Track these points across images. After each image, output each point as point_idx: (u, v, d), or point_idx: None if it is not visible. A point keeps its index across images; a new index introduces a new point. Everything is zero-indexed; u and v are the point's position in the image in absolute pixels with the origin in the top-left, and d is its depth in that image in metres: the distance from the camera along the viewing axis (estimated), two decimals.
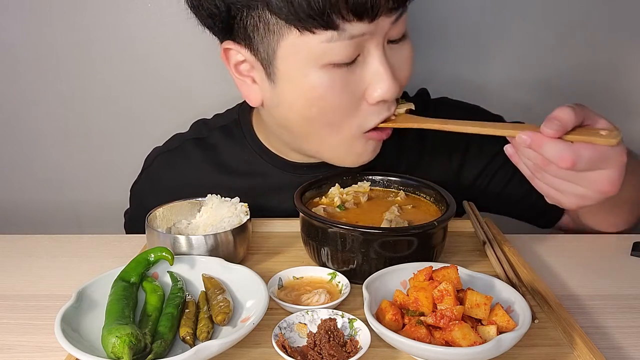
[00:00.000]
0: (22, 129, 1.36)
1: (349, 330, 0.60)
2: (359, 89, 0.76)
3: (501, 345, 0.53)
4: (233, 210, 0.80)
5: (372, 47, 0.74)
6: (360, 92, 0.77)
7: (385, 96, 0.76)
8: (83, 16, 1.25)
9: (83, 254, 0.87)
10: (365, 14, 0.69)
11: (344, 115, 0.79)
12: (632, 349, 0.61)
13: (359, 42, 0.73)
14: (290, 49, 0.74)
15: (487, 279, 0.65)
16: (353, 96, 0.77)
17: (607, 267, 0.81)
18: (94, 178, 1.40)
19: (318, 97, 0.76)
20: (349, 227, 0.71)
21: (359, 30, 0.71)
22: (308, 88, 0.76)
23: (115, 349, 0.53)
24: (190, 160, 1.01)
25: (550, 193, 0.70)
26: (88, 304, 0.63)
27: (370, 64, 0.75)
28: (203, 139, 1.02)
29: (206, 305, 0.65)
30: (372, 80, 0.76)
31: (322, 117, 0.79)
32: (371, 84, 0.76)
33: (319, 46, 0.72)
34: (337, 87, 0.75)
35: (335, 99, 0.76)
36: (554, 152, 0.62)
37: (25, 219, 1.43)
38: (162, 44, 1.28)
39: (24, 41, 1.27)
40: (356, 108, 0.78)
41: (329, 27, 0.70)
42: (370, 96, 0.77)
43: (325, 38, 0.71)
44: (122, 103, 1.33)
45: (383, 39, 0.75)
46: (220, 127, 1.02)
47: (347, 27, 0.70)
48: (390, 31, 0.75)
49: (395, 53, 0.78)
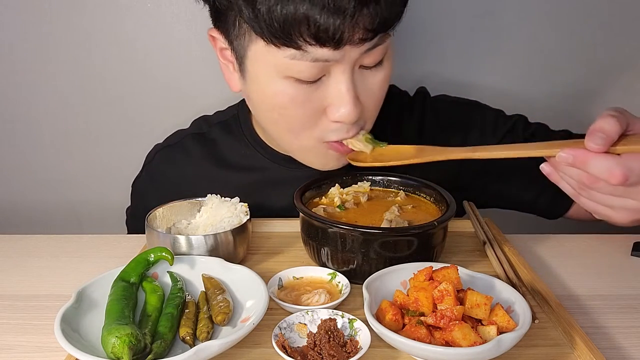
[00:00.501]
0: (22, 129, 1.36)
1: (349, 330, 0.60)
2: (320, 105, 0.77)
3: (501, 345, 0.53)
4: (233, 210, 0.80)
5: (338, 72, 0.74)
6: (321, 108, 0.78)
7: (344, 119, 0.77)
8: (83, 16, 1.25)
9: (83, 254, 0.87)
10: (328, 42, 0.69)
11: (303, 125, 0.80)
12: (632, 349, 0.61)
13: (323, 65, 0.73)
14: (258, 55, 0.75)
15: (487, 279, 0.65)
16: (314, 111, 0.78)
17: (607, 267, 0.81)
18: (94, 178, 1.40)
19: (279, 105, 0.78)
20: (349, 227, 0.71)
21: (322, 55, 0.71)
22: (271, 94, 0.77)
23: (115, 349, 0.53)
24: (190, 155, 1.03)
25: (598, 210, 0.64)
26: (88, 304, 0.62)
27: (333, 86, 0.75)
28: (203, 134, 1.04)
29: (206, 305, 0.65)
30: (334, 101, 0.76)
31: (283, 123, 0.81)
32: (332, 104, 0.76)
33: (282, 60, 0.72)
34: (298, 99, 0.76)
35: (295, 109, 0.77)
36: (602, 169, 0.57)
37: (25, 219, 1.43)
38: (161, 43, 1.28)
39: (24, 41, 1.27)
40: (316, 121, 0.79)
41: (292, 46, 0.70)
42: (331, 115, 0.77)
43: (289, 54, 0.71)
44: (122, 103, 1.33)
45: (352, 65, 0.75)
46: (220, 122, 1.04)
47: (310, 50, 0.70)
48: (362, 59, 0.75)
49: (367, 78, 0.78)
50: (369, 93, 0.79)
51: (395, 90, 1.07)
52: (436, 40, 1.27)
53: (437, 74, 1.28)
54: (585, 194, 0.63)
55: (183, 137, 1.04)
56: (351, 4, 0.66)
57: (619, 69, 1.29)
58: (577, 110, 1.32)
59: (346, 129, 0.79)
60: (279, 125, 0.83)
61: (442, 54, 1.29)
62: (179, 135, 1.06)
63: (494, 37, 1.27)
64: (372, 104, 0.81)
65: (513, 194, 1.02)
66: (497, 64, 1.29)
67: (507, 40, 1.27)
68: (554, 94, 1.31)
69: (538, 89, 1.31)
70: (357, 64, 0.76)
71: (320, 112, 0.78)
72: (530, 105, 1.28)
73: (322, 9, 0.66)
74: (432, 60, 1.29)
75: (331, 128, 0.80)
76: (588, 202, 0.64)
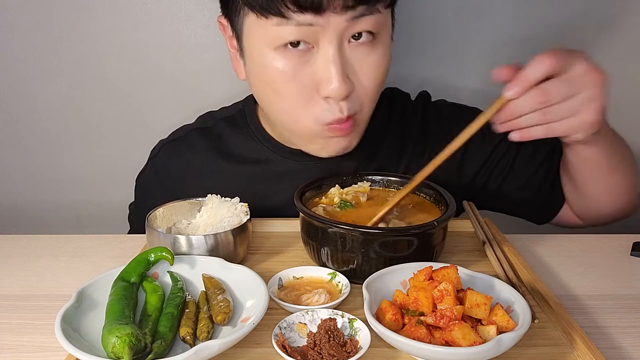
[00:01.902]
0: (23, 129, 1.36)
1: (349, 330, 0.60)
2: (310, 80, 0.78)
3: (501, 345, 0.53)
4: (233, 210, 0.80)
5: (325, 41, 0.76)
6: (312, 84, 0.79)
7: (333, 94, 0.77)
8: (83, 16, 1.25)
9: (83, 254, 0.87)
10: (309, 8, 0.72)
11: (297, 102, 0.81)
12: (632, 349, 0.61)
13: (308, 30, 0.75)
14: (251, 29, 0.79)
15: (487, 279, 0.65)
16: (304, 87, 0.79)
17: (607, 267, 0.81)
18: (94, 178, 1.40)
19: (271, 79, 0.80)
20: (349, 227, 0.71)
21: (304, 19, 0.74)
22: (262, 68, 0.80)
23: (116, 349, 0.53)
24: (195, 149, 1.04)
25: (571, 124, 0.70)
26: (88, 304, 0.63)
27: (321, 59, 0.77)
28: (208, 128, 1.05)
29: (206, 305, 0.65)
30: (323, 75, 0.78)
31: (278, 101, 0.83)
32: (322, 79, 0.78)
33: (271, 29, 0.76)
34: (288, 72, 0.78)
35: (286, 83, 0.79)
36: (535, 65, 0.66)
37: (25, 219, 1.43)
38: (161, 42, 1.28)
39: (24, 41, 1.27)
40: (309, 99, 0.80)
41: (276, 14, 0.74)
42: (322, 90, 0.78)
43: (276, 22, 0.75)
44: (123, 103, 1.33)
45: (339, 35, 0.76)
46: (225, 117, 1.05)
47: (293, 16, 0.74)
48: (349, 29, 0.76)
49: (359, 54, 0.79)
50: (362, 72, 0.80)
51: (398, 92, 1.08)
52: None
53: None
54: (550, 115, 0.68)
55: (188, 132, 1.06)
56: None
57: None
58: None
59: (339, 108, 0.80)
60: (276, 105, 0.84)
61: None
62: (184, 130, 1.07)
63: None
64: (367, 85, 0.81)
65: (508, 195, 1.03)
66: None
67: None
68: None
69: None
70: (346, 37, 0.77)
71: (312, 89, 0.79)
72: None
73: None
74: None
75: (325, 107, 0.80)
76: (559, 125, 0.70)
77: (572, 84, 0.68)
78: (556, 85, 0.67)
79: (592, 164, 0.85)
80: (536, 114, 0.69)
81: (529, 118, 0.69)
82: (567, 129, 0.71)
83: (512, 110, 0.69)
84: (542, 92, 0.67)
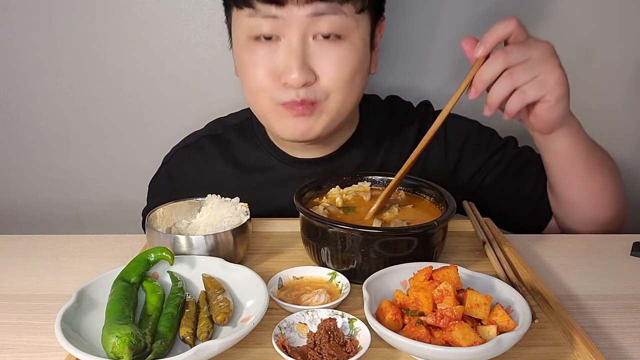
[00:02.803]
0: (23, 129, 1.36)
1: (349, 330, 0.60)
2: (274, 67, 0.87)
3: (501, 345, 0.53)
4: (233, 210, 0.80)
5: (290, 34, 0.85)
6: (275, 72, 0.87)
7: (289, 82, 0.86)
8: (83, 16, 1.25)
9: (83, 254, 0.87)
10: (272, 0, 0.82)
11: (259, 86, 0.90)
12: (632, 349, 0.61)
13: (274, 23, 0.84)
14: (235, 22, 0.91)
15: (487, 279, 0.65)
16: (268, 73, 0.88)
17: (607, 267, 0.81)
18: (94, 178, 1.40)
19: (243, 65, 0.91)
20: (349, 227, 0.71)
21: (269, 11, 0.84)
22: (239, 55, 0.92)
23: (116, 349, 0.53)
24: (206, 155, 1.08)
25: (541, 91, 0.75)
26: (88, 304, 0.63)
27: (284, 48, 0.86)
28: (218, 135, 1.10)
29: (206, 305, 0.65)
30: (283, 63, 0.86)
31: (246, 84, 0.92)
32: (284, 67, 0.86)
33: (245, 20, 0.87)
34: (257, 59, 0.88)
35: (254, 69, 0.89)
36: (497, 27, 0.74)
37: (25, 219, 1.43)
38: (161, 43, 1.28)
39: (25, 41, 1.27)
40: (270, 83, 0.88)
41: (246, 5, 0.85)
42: (283, 77, 0.86)
43: (248, 13, 0.86)
44: (123, 103, 1.33)
45: (302, 29, 0.84)
46: (234, 125, 1.10)
47: (259, 7, 0.84)
48: (312, 25, 0.84)
49: (323, 49, 0.86)
50: (325, 67, 0.87)
51: (399, 101, 1.13)
52: None
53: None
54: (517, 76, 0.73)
55: (199, 138, 1.10)
56: None
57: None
58: None
59: (295, 93, 0.87)
60: (245, 88, 0.94)
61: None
62: (195, 136, 1.12)
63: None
64: (329, 79, 0.88)
65: (498, 203, 1.04)
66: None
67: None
68: None
69: None
70: (310, 32, 0.85)
71: (274, 76, 0.87)
72: None
73: None
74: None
75: (282, 91, 0.88)
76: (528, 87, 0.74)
77: (527, 46, 0.74)
78: (514, 47, 0.74)
79: (568, 162, 0.88)
80: (505, 78, 0.73)
81: (500, 85, 0.73)
82: (538, 90, 0.75)
83: (482, 75, 0.74)
84: (503, 51, 0.73)
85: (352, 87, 0.90)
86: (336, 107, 0.91)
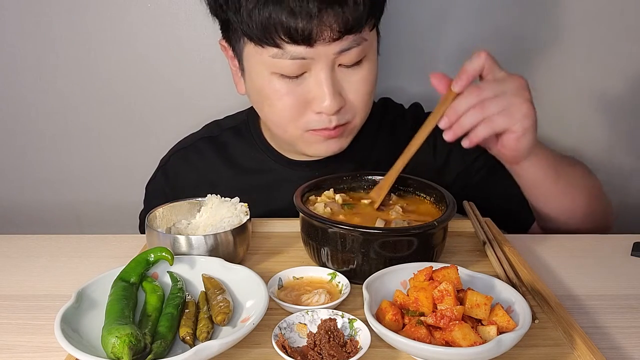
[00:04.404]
0: (22, 129, 1.36)
1: (349, 330, 0.60)
2: (303, 98, 0.87)
3: (501, 345, 0.53)
4: (233, 210, 0.80)
5: (317, 69, 0.85)
6: (304, 101, 0.88)
7: (325, 110, 0.87)
8: (82, 16, 1.25)
9: (83, 254, 0.87)
10: (301, 40, 0.81)
11: (290, 117, 0.89)
12: (632, 349, 0.61)
13: (302, 62, 0.84)
14: (250, 55, 0.88)
15: (487, 279, 0.65)
16: (297, 103, 0.88)
17: (607, 267, 0.81)
18: (94, 178, 1.40)
19: (267, 97, 0.89)
20: (349, 227, 0.71)
21: (298, 52, 0.82)
22: (259, 87, 0.89)
23: (115, 349, 0.53)
24: (203, 157, 1.09)
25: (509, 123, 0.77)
26: (88, 304, 0.62)
27: (314, 82, 0.86)
28: (215, 137, 1.10)
29: (206, 305, 0.65)
30: (316, 94, 0.87)
31: (272, 115, 0.92)
32: (315, 97, 0.87)
33: (267, 59, 0.85)
34: (283, 93, 0.87)
35: (280, 101, 0.88)
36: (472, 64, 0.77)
37: (25, 219, 1.43)
38: (160, 44, 1.28)
39: (24, 41, 1.27)
40: (300, 114, 0.89)
41: (272, 45, 0.82)
42: (315, 106, 0.88)
43: (272, 54, 0.84)
44: (122, 103, 1.33)
45: (330, 63, 0.85)
46: (231, 127, 1.10)
47: (288, 48, 0.82)
48: (340, 58, 0.85)
49: (348, 76, 0.88)
50: (351, 89, 0.89)
51: (390, 103, 1.15)
52: None
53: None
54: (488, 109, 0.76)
55: (196, 140, 1.11)
56: (315, 6, 0.78)
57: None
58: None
59: (328, 120, 0.88)
60: (270, 117, 0.93)
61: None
62: (192, 138, 1.12)
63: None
64: (356, 99, 0.90)
65: (489, 197, 1.04)
66: None
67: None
68: None
69: None
70: (336, 63, 0.86)
71: (303, 105, 0.88)
72: None
73: (291, 12, 0.78)
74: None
75: (314, 119, 0.89)
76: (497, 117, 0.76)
77: (499, 82, 0.77)
78: (487, 83, 0.78)
79: (538, 186, 0.92)
80: (476, 109, 0.76)
81: (470, 115, 0.76)
82: (506, 120, 0.77)
83: (456, 107, 0.77)
84: (477, 87, 0.77)
85: (371, 98, 0.94)
86: (360, 122, 0.95)
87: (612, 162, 1.35)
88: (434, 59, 1.28)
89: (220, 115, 1.16)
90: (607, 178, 1.36)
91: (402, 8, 1.23)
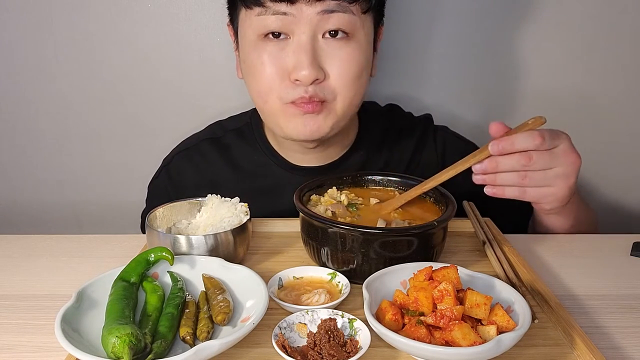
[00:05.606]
0: (22, 129, 1.36)
1: (349, 330, 0.60)
2: (284, 64, 0.88)
3: (501, 345, 0.53)
4: (233, 210, 0.80)
5: (299, 32, 0.86)
6: (284, 70, 0.88)
7: (300, 78, 0.86)
8: (82, 16, 1.25)
9: (83, 254, 0.87)
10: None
11: (268, 86, 0.90)
12: (632, 349, 0.61)
13: (284, 20, 0.85)
14: (243, 22, 0.91)
15: (487, 279, 0.65)
16: (277, 71, 0.88)
17: (607, 267, 0.81)
18: (95, 178, 1.40)
19: (252, 66, 0.91)
20: (349, 227, 0.71)
21: (279, 8, 0.84)
22: (246, 56, 0.91)
23: (115, 349, 0.53)
24: (206, 158, 1.09)
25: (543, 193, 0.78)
26: (88, 304, 0.63)
27: (295, 47, 0.86)
28: (218, 138, 1.10)
29: (206, 305, 0.65)
30: (294, 60, 0.86)
31: (255, 85, 0.92)
32: (295, 66, 0.86)
33: (254, 19, 0.87)
34: (265, 60, 0.88)
35: (263, 69, 0.89)
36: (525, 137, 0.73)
37: (25, 219, 1.43)
38: (161, 44, 1.28)
39: (24, 41, 1.27)
40: (280, 82, 0.89)
41: (256, 4, 0.85)
42: (293, 74, 0.87)
43: (257, 12, 0.86)
44: (122, 103, 1.33)
45: (312, 27, 0.85)
46: (234, 129, 1.10)
47: (269, 5, 0.85)
48: (322, 22, 0.85)
49: (332, 47, 0.87)
50: (334, 65, 0.88)
51: (399, 111, 1.14)
52: None
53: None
54: (528, 180, 0.76)
55: (200, 141, 1.11)
56: None
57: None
58: None
59: (304, 89, 0.87)
60: (253, 88, 0.93)
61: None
62: (195, 139, 1.12)
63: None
64: (338, 78, 0.89)
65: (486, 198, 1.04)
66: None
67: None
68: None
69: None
70: (319, 30, 0.86)
71: (283, 74, 0.88)
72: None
73: None
74: None
75: (291, 88, 0.88)
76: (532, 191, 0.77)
77: (552, 158, 0.76)
78: (540, 156, 0.75)
79: (555, 229, 0.94)
80: (515, 175, 0.75)
81: (508, 176, 0.76)
82: (539, 197, 0.79)
83: (497, 164, 0.75)
84: (527, 157, 0.74)
85: (357, 86, 0.91)
86: (343, 107, 0.91)
87: (612, 162, 1.35)
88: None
89: (221, 116, 1.16)
90: (607, 178, 1.37)
91: (409, 12, 1.23)
